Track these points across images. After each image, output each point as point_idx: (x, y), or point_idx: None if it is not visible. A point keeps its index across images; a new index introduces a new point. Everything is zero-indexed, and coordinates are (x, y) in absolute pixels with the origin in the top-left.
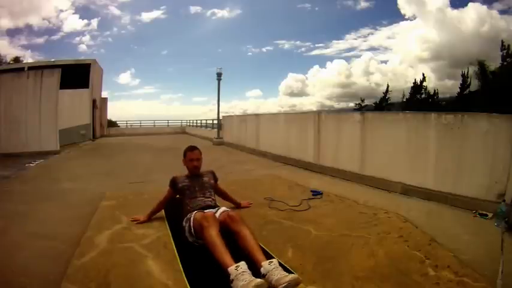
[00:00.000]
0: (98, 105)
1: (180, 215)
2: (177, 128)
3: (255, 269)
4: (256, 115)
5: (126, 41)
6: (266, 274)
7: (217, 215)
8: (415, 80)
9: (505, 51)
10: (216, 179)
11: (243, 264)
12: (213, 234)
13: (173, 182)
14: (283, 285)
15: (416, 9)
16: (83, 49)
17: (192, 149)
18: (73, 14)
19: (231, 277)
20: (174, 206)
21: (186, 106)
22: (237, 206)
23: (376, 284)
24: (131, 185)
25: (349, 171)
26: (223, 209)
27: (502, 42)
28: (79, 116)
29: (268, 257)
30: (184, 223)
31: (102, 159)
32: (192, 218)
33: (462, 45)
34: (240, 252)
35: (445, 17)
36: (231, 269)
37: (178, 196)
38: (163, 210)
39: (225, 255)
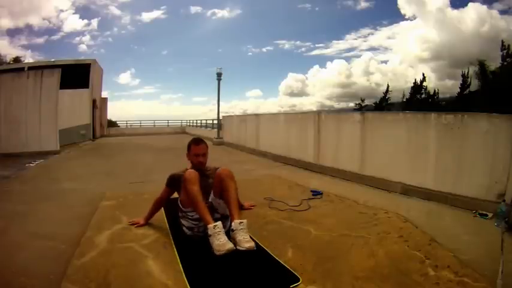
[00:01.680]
0: (98, 105)
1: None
2: (177, 128)
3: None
4: (256, 115)
5: (126, 41)
6: (234, 230)
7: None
8: (415, 80)
9: (505, 51)
10: None
11: (219, 224)
12: (195, 189)
13: (172, 181)
14: (242, 248)
15: (416, 9)
16: (83, 49)
17: (197, 142)
18: (73, 14)
19: (209, 232)
20: (174, 206)
21: (186, 106)
22: (239, 207)
23: (376, 284)
24: (131, 185)
25: (349, 171)
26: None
27: (502, 42)
28: (79, 116)
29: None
30: (179, 215)
31: (102, 159)
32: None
33: (462, 45)
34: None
35: (445, 17)
36: (210, 226)
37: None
38: (163, 210)
39: (205, 213)
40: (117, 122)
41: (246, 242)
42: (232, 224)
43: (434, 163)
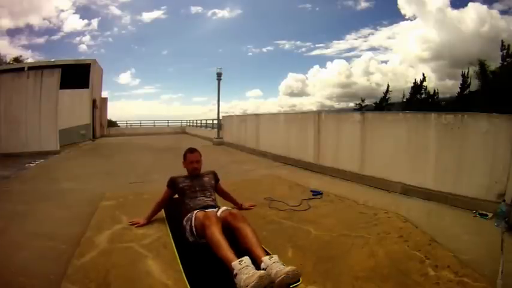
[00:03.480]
0: (98, 105)
1: (180, 215)
2: (177, 128)
3: (256, 265)
4: (256, 115)
5: (126, 41)
6: (266, 268)
7: (218, 213)
8: (415, 80)
9: (505, 51)
10: (217, 180)
11: (246, 259)
12: (216, 232)
13: (172, 183)
14: (282, 276)
15: (416, 9)
16: (83, 49)
17: (191, 151)
18: (73, 14)
19: (235, 271)
20: (174, 206)
21: (186, 106)
22: (239, 207)
23: (376, 284)
24: (131, 185)
25: (349, 171)
26: (224, 208)
27: (502, 42)
28: (79, 116)
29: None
30: (185, 223)
31: (102, 159)
32: (193, 218)
33: (462, 45)
34: (241, 250)
35: (445, 17)
36: (235, 263)
37: (177, 196)
38: (163, 211)
39: (228, 252)
40: (117, 122)
41: (285, 268)
42: (262, 264)
43: (434, 163)
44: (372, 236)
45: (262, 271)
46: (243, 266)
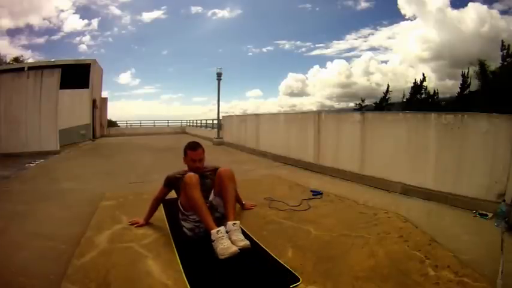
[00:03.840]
0: (98, 105)
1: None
2: (177, 128)
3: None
4: (256, 115)
5: (126, 41)
6: (228, 231)
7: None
8: (415, 80)
9: (505, 51)
10: None
11: (222, 229)
12: (197, 195)
13: (170, 183)
14: (237, 247)
15: (416, 9)
16: (83, 49)
17: (193, 147)
18: (73, 14)
19: (212, 237)
20: (174, 206)
21: (186, 106)
22: (241, 206)
23: (376, 284)
24: (131, 185)
25: (349, 171)
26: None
27: (502, 42)
28: (79, 116)
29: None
30: (180, 217)
31: (102, 159)
32: (179, 199)
33: (462, 45)
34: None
35: (445, 17)
36: (213, 232)
37: (176, 196)
38: (163, 211)
39: (208, 218)
40: (117, 122)
41: (240, 241)
42: (227, 225)
43: (434, 163)
44: (372, 236)
45: (234, 249)
46: (219, 236)
